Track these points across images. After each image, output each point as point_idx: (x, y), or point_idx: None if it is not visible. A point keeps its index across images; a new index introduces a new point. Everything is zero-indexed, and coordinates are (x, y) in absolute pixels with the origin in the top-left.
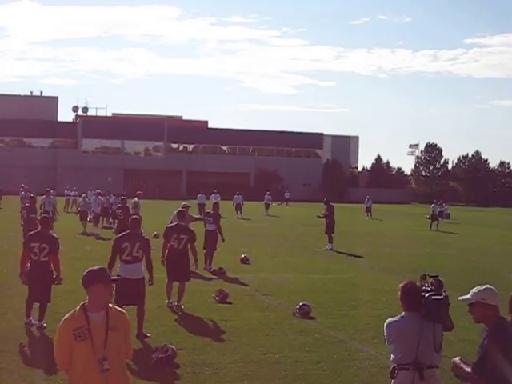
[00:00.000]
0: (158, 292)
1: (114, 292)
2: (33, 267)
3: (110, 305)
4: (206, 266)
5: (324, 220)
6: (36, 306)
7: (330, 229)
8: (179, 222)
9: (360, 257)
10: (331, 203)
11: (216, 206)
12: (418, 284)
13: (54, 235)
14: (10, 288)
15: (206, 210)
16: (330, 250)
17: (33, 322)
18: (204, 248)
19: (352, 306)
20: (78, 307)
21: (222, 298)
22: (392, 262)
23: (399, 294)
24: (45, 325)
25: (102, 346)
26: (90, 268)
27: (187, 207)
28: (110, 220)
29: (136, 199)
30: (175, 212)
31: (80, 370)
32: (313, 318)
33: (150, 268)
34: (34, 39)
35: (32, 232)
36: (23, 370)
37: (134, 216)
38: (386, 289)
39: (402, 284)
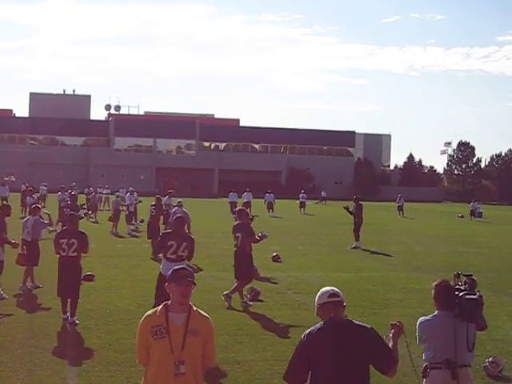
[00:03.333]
0: None
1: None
2: (62, 263)
3: (195, 308)
4: None
5: (352, 218)
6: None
7: (357, 227)
8: (240, 221)
9: (391, 256)
10: (360, 202)
11: (247, 205)
12: (451, 283)
13: (83, 231)
14: (42, 285)
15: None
16: (355, 248)
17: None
18: None
19: (384, 305)
20: (161, 306)
21: (254, 296)
22: (424, 261)
23: (432, 292)
24: (77, 321)
25: (179, 348)
26: (182, 266)
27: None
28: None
29: (167, 197)
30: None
31: (154, 368)
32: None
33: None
34: (66, 38)
35: (62, 229)
36: (56, 366)
37: (179, 215)
38: (418, 288)
39: (435, 282)
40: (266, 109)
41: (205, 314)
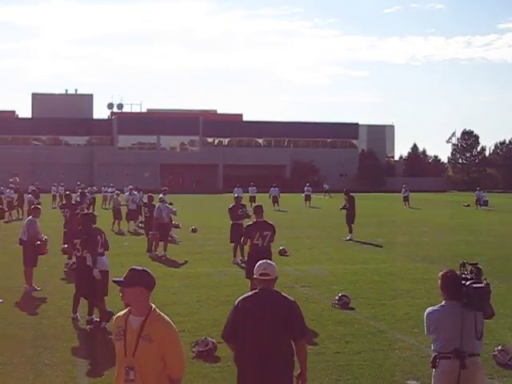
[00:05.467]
0: (198, 286)
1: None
2: (77, 263)
3: (157, 312)
4: (243, 259)
5: (345, 210)
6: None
7: (350, 219)
8: (258, 219)
9: (398, 246)
10: (351, 194)
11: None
12: (457, 272)
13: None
14: (50, 285)
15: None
16: (350, 240)
17: (79, 317)
18: (233, 241)
19: (391, 296)
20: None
21: None
22: (431, 251)
23: (439, 282)
24: (96, 319)
25: (131, 353)
26: (133, 267)
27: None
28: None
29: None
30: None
31: (116, 368)
32: (352, 309)
33: None
34: (67, 38)
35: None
36: (65, 366)
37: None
38: (425, 278)
39: (441, 272)
40: (269, 103)
41: (166, 319)
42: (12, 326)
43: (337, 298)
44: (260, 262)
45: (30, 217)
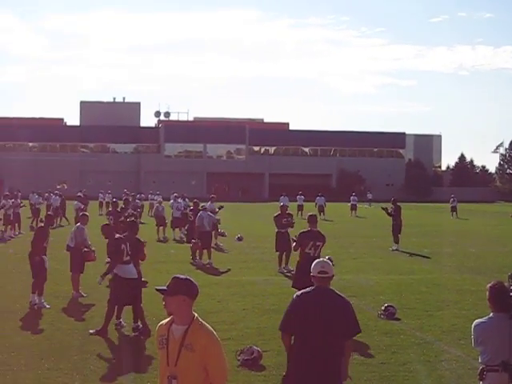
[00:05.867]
0: (243, 294)
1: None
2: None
3: (200, 321)
4: (286, 267)
5: (391, 220)
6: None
7: (396, 229)
8: (312, 228)
9: (444, 257)
10: (398, 203)
11: (300, 207)
12: (506, 284)
13: (139, 238)
14: (97, 292)
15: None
16: (396, 250)
17: (123, 323)
18: (278, 250)
19: (438, 307)
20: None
21: None
22: (478, 262)
23: (487, 294)
24: (140, 325)
25: (173, 362)
26: (176, 275)
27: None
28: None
29: (209, 203)
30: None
31: (159, 377)
32: (398, 320)
33: None
34: (115, 46)
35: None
36: (111, 372)
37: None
38: (473, 289)
39: (490, 284)
40: (315, 112)
41: (208, 329)
42: (59, 332)
43: (383, 308)
44: (317, 260)
45: (78, 224)
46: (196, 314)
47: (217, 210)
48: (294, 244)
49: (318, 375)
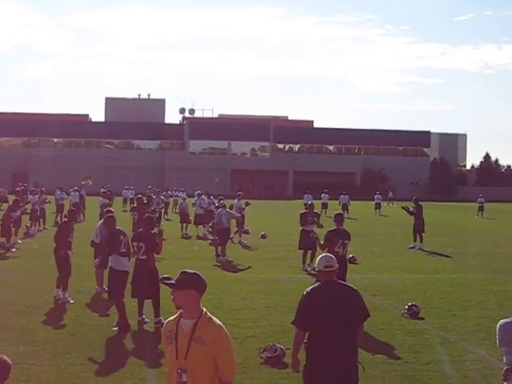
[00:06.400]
0: (266, 292)
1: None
2: (135, 266)
3: (208, 315)
4: (311, 265)
5: (413, 219)
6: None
7: (418, 228)
8: (339, 227)
9: (469, 257)
10: (420, 202)
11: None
12: None
13: (154, 233)
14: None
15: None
16: (420, 249)
17: (145, 320)
18: (302, 248)
19: (462, 307)
20: (179, 311)
21: None
22: (503, 262)
23: None
24: (162, 320)
25: (183, 355)
26: (184, 270)
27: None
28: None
29: (236, 200)
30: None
31: (168, 371)
32: (422, 319)
33: None
34: (140, 43)
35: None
36: (134, 368)
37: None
38: (497, 289)
39: None
40: (340, 110)
41: (218, 322)
42: (82, 327)
43: (406, 307)
44: (321, 255)
45: (103, 220)
46: (204, 309)
47: (243, 206)
48: (323, 243)
49: (336, 363)
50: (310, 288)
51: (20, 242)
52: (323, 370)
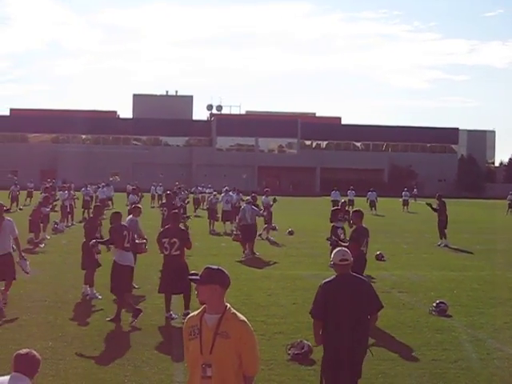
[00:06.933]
0: (293, 288)
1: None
2: (166, 262)
3: (233, 310)
4: None
5: (437, 216)
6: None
7: (442, 225)
8: (359, 224)
9: (497, 254)
10: (443, 199)
11: (351, 202)
12: None
13: (183, 228)
14: (149, 283)
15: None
16: (445, 246)
17: (173, 315)
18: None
19: (490, 305)
20: (202, 307)
21: None
22: None
23: None
24: (189, 311)
25: (208, 350)
26: (208, 265)
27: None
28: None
29: (264, 197)
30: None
31: (190, 369)
32: (450, 316)
33: None
34: (168, 40)
35: (163, 228)
36: (162, 363)
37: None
38: None
39: None
40: (367, 106)
41: (242, 318)
42: (110, 323)
43: (434, 304)
44: (337, 249)
45: (131, 216)
46: (228, 305)
47: (271, 203)
48: (352, 243)
49: (351, 351)
50: (326, 281)
51: (49, 237)
52: (337, 358)
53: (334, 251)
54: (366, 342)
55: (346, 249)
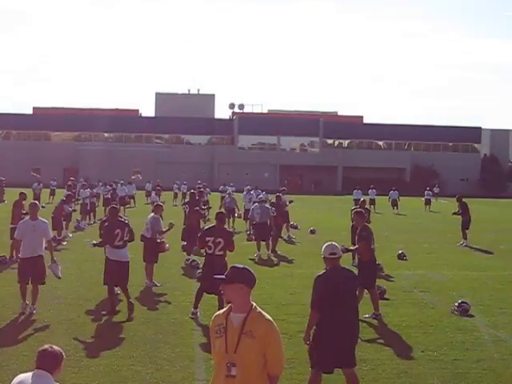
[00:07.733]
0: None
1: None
2: (207, 261)
3: (258, 310)
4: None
5: (460, 217)
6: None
7: (464, 225)
8: (364, 223)
9: None
10: (463, 200)
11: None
12: None
13: (228, 229)
14: (171, 282)
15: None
16: (465, 246)
17: (198, 313)
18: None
19: None
20: (228, 305)
21: (380, 294)
22: None
23: None
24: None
25: (233, 349)
26: (234, 265)
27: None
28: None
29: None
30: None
31: (215, 366)
32: (472, 316)
33: None
34: (191, 37)
35: (208, 227)
36: (184, 362)
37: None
38: None
39: None
40: (390, 105)
41: (267, 317)
42: (132, 321)
43: (456, 304)
44: (327, 244)
45: (153, 214)
46: (254, 303)
47: (287, 203)
48: (363, 242)
49: (348, 332)
50: (321, 274)
51: (71, 235)
52: (336, 339)
53: (324, 245)
54: (358, 327)
55: (356, 247)
